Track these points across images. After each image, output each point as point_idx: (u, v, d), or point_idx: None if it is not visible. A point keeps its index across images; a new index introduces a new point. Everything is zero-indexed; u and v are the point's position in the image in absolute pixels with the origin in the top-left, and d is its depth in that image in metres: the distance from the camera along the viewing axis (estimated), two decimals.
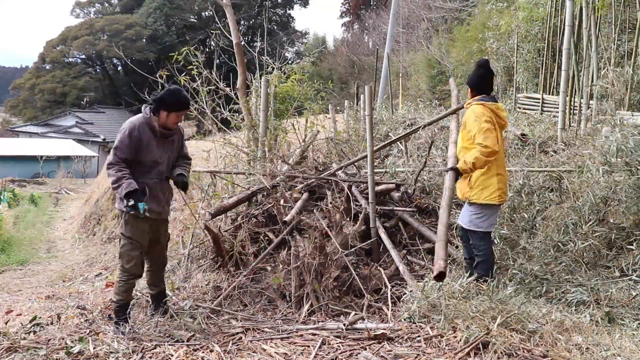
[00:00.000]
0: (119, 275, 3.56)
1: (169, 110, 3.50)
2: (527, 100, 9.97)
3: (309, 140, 6.68)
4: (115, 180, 3.38)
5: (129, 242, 3.50)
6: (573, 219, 4.42)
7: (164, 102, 3.48)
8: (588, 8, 7.15)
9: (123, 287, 3.53)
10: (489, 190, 3.70)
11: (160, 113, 3.50)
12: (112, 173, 3.40)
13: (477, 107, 3.76)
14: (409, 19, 24.85)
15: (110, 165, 3.42)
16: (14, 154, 27.20)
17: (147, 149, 3.49)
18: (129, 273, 3.52)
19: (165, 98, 3.48)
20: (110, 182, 3.42)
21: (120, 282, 3.54)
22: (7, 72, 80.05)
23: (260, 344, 3.15)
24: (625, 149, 4.42)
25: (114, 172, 3.39)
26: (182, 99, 3.56)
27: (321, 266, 3.98)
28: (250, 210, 5.02)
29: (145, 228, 3.54)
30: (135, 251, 3.52)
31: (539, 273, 4.05)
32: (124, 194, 3.33)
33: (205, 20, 39.80)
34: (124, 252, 3.52)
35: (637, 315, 3.39)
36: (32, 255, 10.38)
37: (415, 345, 3.01)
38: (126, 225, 3.50)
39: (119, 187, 3.37)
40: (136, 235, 3.51)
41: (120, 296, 3.53)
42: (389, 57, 14.74)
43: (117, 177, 3.38)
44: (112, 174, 3.40)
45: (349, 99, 14.24)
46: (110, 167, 3.41)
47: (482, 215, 3.74)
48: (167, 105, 3.49)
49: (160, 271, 3.86)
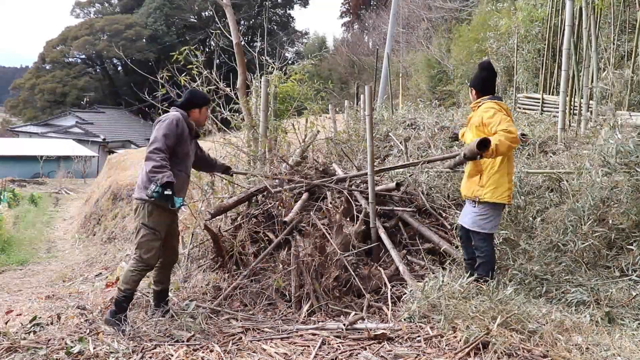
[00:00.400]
0: (133, 265, 3.53)
1: (200, 106, 3.78)
2: (527, 100, 9.98)
3: (309, 141, 6.68)
4: (158, 166, 3.35)
5: (151, 233, 3.50)
6: (572, 219, 4.42)
7: (193, 101, 3.76)
8: (588, 8, 7.15)
9: (136, 277, 3.53)
10: (500, 190, 3.65)
11: (192, 112, 3.75)
12: (157, 159, 3.37)
13: (491, 103, 3.71)
14: (409, 19, 24.86)
15: (157, 150, 3.39)
16: (14, 154, 27.21)
17: (185, 142, 3.63)
18: (146, 264, 3.53)
19: (193, 97, 3.79)
20: (150, 166, 3.35)
21: (135, 272, 3.52)
22: (7, 72, 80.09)
23: (260, 344, 3.15)
24: (623, 150, 4.42)
25: (160, 158, 3.38)
26: (204, 94, 3.97)
27: (321, 266, 3.98)
28: (250, 210, 5.02)
29: (167, 220, 3.61)
30: (156, 242, 3.53)
31: (539, 273, 4.05)
32: (164, 182, 3.31)
33: (205, 20, 39.82)
34: (144, 241, 3.51)
35: (637, 315, 3.39)
36: (32, 255, 10.39)
37: (415, 345, 3.01)
38: (149, 216, 3.50)
39: (161, 173, 3.33)
40: (159, 226, 3.53)
41: (129, 285, 3.52)
42: (389, 57, 14.74)
43: (161, 164, 3.36)
44: (156, 160, 3.37)
45: (349, 99, 14.24)
46: (157, 152, 3.39)
47: (487, 216, 3.70)
48: (197, 103, 3.77)
49: (169, 268, 3.90)
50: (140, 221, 3.53)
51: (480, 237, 3.73)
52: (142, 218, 3.52)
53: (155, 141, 3.44)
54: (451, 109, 11.20)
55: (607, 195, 4.45)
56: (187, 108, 3.74)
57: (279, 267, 4.26)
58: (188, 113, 3.73)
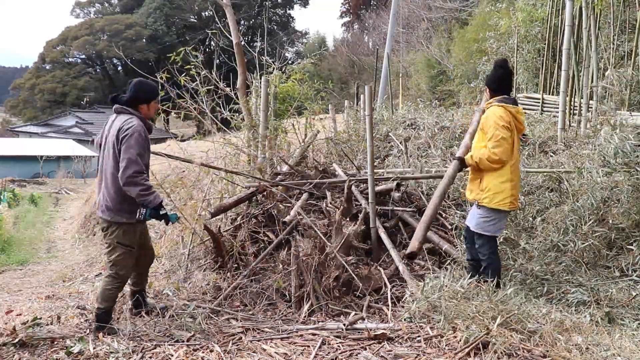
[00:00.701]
0: (110, 283, 3.45)
1: (149, 101, 3.49)
2: (527, 100, 9.97)
3: (309, 141, 6.68)
4: (146, 188, 3.28)
5: (127, 250, 3.45)
6: (573, 219, 4.41)
7: (140, 96, 3.46)
8: (588, 8, 7.15)
9: (113, 294, 3.49)
10: (501, 196, 3.59)
11: (141, 108, 3.46)
12: (141, 182, 3.27)
13: (498, 110, 3.62)
14: (409, 19, 24.87)
15: (137, 174, 3.25)
16: (14, 154, 27.22)
17: (149, 149, 3.49)
18: (122, 280, 3.49)
19: (139, 93, 3.46)
20: (137, 191, 3.26)
21: (112, 289, 3.46)
22: (7, 72, 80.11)
23: (260, 344, 3.15)
24: (622, 152, 4.42)
25: (143, 181, 3.28)
26: (152, 86, 3.59)
27: (321, 266, 3.98)
28: (250, 210, 5.02)
29: (139, 232, 3.55)
30: (132, 258, 3.51)
31: (539, 273, 4.05)
32: (157, 203, 3.33)
33: (205, 20, 39.83)
34: (120, 260, 3.44)
35: (637, 315, 3.39)
36: (32, 255, 10.38)
37: (415, 345, 3.01)
38: (125, 235, 3.43)
39: (152, 195, 3.31)
40: (133, 241, 3.49)
41: (108, 303, 3.47)
42: (389, 57, 14.74)
43: (146, 187, 3.29)
44: (141, 183, 3.27)
45: (349, 99, 14.25)
46: (137, 175, 3.25)
47: (490, 219, 3.67)
48: (145, 98, 3.47)
49: (147, 269, 3.88)
50: (115, 240, 3.43)
51: (483, 239, 3.70)
52: (116, 237, 3.43)
53: (132, 163, 3.25)
54: (451, 109, 11.20)
55: (607, 195, 4.45)
56: (134, 105, 3.45)
57: (279, 267, 4.25)
58: (137, 110, 3.46)
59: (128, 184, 3.26)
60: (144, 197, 3.29)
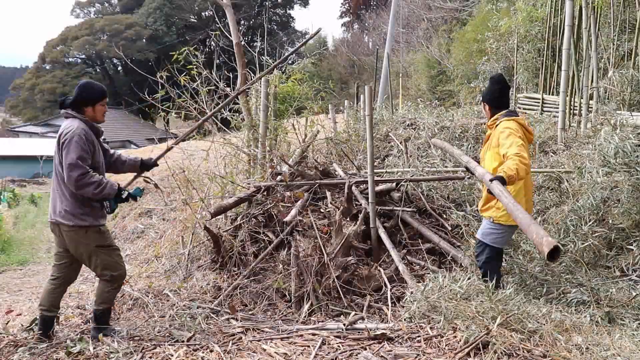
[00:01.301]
0: (107, 285, 3.40)
1: (93, 103, 3.38)
2: (527, 100, 9.97)
3: (309, 140, 6.68)
4: (96, 185, 3.19)
5: (110, 250, 3.40)
6: (573, 219, 4.41)
7: (82, 99, 3.36)
8: (588, 8, 7.15)
9: (112, 294, 3.46)
10: None
11: (86, 110, 3.36)
12: (90, 180, 3.17)
13: (509, 123, 3.54)
14: (409, 19, 24.88)
15: (82, 175, 3.15)
16: (14, 154, 27.22)
17: (97, 152, 3.37)
18: (118, 280, 3.45)
19: (82, 94, 3.37)
20: (91, 190, 3.17)
21: (110, 291, 3.42)
22: (7, 72, 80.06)
23: (260, 344, 3.15)
24: (622, 152, 4.41)
25: (90, 179, 3.18)
26: (97, 86, 3.47)
27: (321, 267, 3.98)
28: (250, 210, 5.02)
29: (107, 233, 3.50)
30: (118, 254, 3.47)
31: (539, 273, 4.05)
32: (115, 190, 3.26)
33: (205, 20, 39.82)
34: (109, 261, 3.37)
35: (637, 315, 3.39)
36: (32, 255, 10.39)
37: (415, 345, 3.01)
38: (101, 235, 3.37)
39: (107, 187, 3.23)
40: (111, 240, 3.46)
41: (107, 304, 3.44)
42: (389, 57, 14.74)
43: (97, 182, 3.19)
44: (89, 182, 3.17)
45: (349, 99, 14.24)
46: (84, 176, 3.15)
47: (500, 232, 3.62)
48: (88, 99, 3.37)
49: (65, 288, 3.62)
50: (93, 245, 3.33)
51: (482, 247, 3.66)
52: (93, 241, 3.33)
53: (74, 168, 3.15)
54: (451, 109, 11.20)
55: (607, 195, 4.45)
56: (78, 108, 3.35)
57: (279, 267, 4.26)
58: (81, 112, 3.35)
59: (78, 187, 3.18)
60: (101, 192, 3.21)
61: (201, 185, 5.71)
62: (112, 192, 3.28)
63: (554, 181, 5.24)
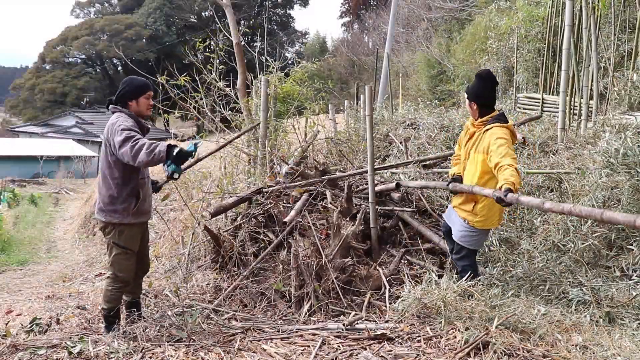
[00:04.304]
0: (110, 284, 3.45)
1: (137, 96, 3.39)
2: (527, 100, 9.97)
3: (309, 140, 6.68)
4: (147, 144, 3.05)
5: (123, 252, 3.43)
6: (573, 219, 4.41)
7: (125, 93, 3.38)
8: (588, 8, 7.15)
9: (115, 295, 3.47)
10: (492, 219, 3.60)
11: (130, 105, 3.38)
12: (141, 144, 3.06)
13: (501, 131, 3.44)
14: (409, 19, 24.86)
15: (135, 141, 3.06)
16: (14, 154, 27.22)
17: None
18: (122, 281, 3.46)
19: (125, 89, 3.39)
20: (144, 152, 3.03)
21: (113, 290, 3.45)
22: (7, 72, 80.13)
23: (260, 344, 3.14)
24: (623, 153, 4.41)
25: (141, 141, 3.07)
26: (138, 80, 3.48)
27: (320, 267, 3.98)
28: (250, 210, 5.02)
29: (137, 234, 3.50)
30: (130, 259, 3.47)
31: (539, 273, 4.05)
32: (165, 150, 3.08)
33: (205, 20, 39.82)
34: (116, 260, 3.42)
35: (637, 315, 3.39)
36: (32, 255, 10.39)
37: (415, 345, 3.01)
38: (120, 235, 3.40)
39: (157, 148, 3.05)
40: (131, 244, 3.46)
41: (112, 303, 3.46)
42: (389, 57, 14.74)
43: (147, 143, 3.07)
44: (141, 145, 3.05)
45: (349, 99, 14.25)
46: (135, 142, 3.05)
47: (476, 234, 3.64)
48: (130, 94, 3.38)
49: (141, 278, 3.76)
50: (112, 240, 3.41)
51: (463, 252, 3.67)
52: (112, 237, 3.41)
53: (127, 138, 3.10)
54: (451, 109, 11.20)
55: (607, 195, 4.45)
56: (122, 102, 3.38)
57: (279, 267, 4.25)
58: (126, 107, 3.38)
59: (134, 156, 3.06)
60: (152, 152, 3.06)
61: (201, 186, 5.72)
62: (163, 149, 3.09)
63: (554, 181, 5.24)
